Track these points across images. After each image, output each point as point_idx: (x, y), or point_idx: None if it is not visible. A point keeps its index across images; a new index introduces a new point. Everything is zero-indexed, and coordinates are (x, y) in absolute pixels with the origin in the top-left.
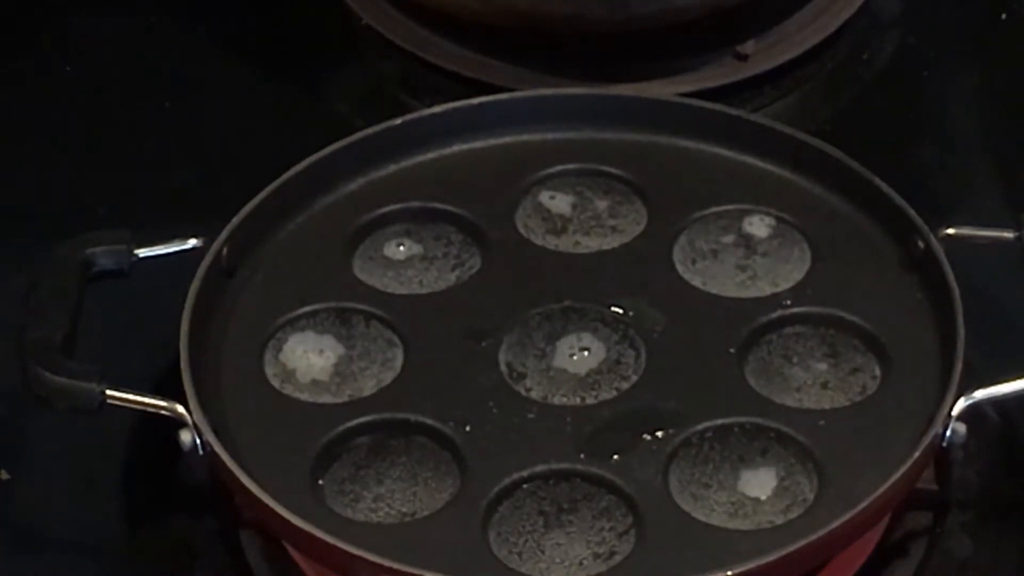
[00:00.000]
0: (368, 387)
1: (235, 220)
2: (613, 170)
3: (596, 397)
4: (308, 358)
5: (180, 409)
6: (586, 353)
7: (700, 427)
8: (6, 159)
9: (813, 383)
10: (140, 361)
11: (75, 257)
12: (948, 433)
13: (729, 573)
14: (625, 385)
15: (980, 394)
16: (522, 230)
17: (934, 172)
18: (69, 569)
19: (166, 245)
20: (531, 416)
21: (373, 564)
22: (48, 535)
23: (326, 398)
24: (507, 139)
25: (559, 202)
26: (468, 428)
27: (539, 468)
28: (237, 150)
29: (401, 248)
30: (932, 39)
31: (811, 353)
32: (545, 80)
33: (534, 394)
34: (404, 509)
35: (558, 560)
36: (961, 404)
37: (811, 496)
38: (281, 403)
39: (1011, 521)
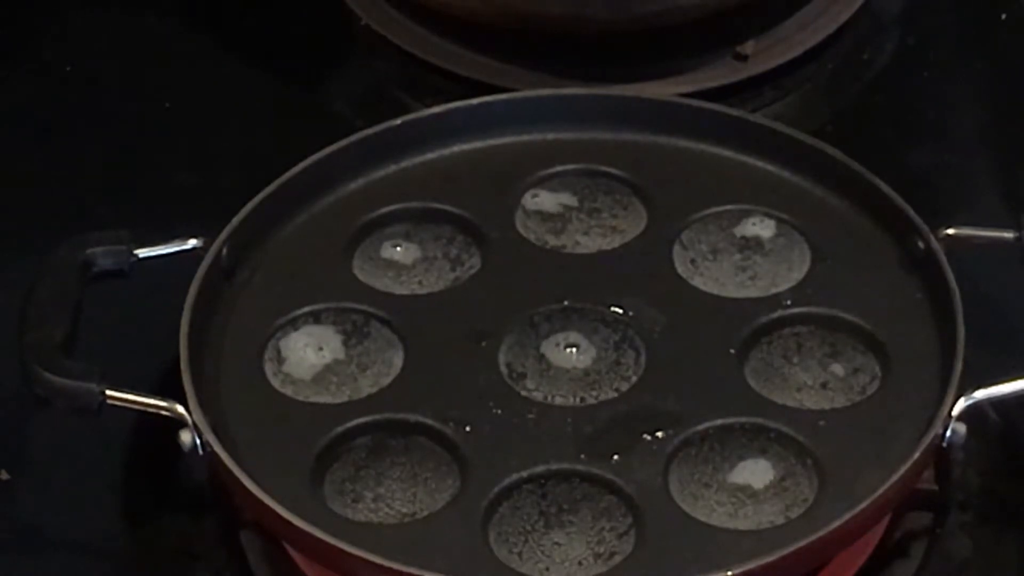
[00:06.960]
0: (368, 387)
1: (235, 220)
2: (613, 170)
3: (596, 397)
4: (308, 358)
5: (180, 409)
6: (574, 350)
7: (700, 427)
8: (6, 159)
9: (813, 383)
10: (140, 361)
11: (75, 257)
12: (948, 433)
13: (729, 573)
14: (625, 385)
15: (980, 394)
16: (522, 230)
17: (934, 172)
18: (69, 569)
19: (166, 245)
20: (531, 416)
21: (373, 564)
22: (48, 535)
23: (326, 398)
24: (507, 139)
25: (557, 202)
26: (468, 428)
27: (539, 468)
28: (237, 150)
29: (400, 248)
30: (932, 39)
31: (811, 353)
32: (545, 80)
33: (534, 394)
34: (404, 509)
35: (558, 560)
36: (961, 404)
37: (811, 496)
38: (281, 403)
39: (1011, 521)
